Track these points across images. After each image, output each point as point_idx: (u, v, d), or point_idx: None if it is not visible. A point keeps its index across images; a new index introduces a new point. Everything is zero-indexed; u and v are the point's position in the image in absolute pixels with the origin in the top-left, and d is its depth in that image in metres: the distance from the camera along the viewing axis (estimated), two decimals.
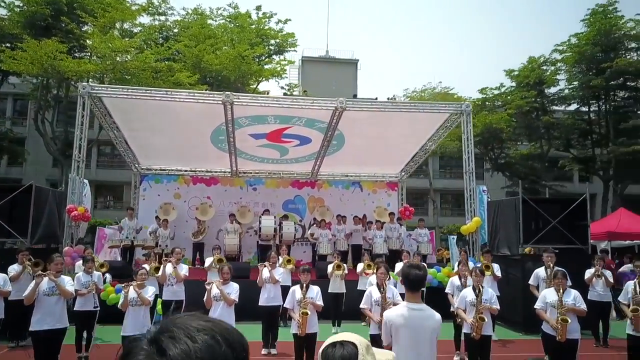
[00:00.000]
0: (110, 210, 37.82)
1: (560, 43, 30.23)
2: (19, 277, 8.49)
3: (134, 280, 6.50)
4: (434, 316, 3.65)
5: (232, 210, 16.83)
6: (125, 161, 39.78)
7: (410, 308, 3.63)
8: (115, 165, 39.72)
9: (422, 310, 3.65)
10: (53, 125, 26.19)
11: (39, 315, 6.15)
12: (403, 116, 13.59)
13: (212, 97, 12.33)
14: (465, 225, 12.53)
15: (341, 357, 1.58)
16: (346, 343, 1.61)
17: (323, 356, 1.61)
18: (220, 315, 6.48)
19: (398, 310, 3.69)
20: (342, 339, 1.64)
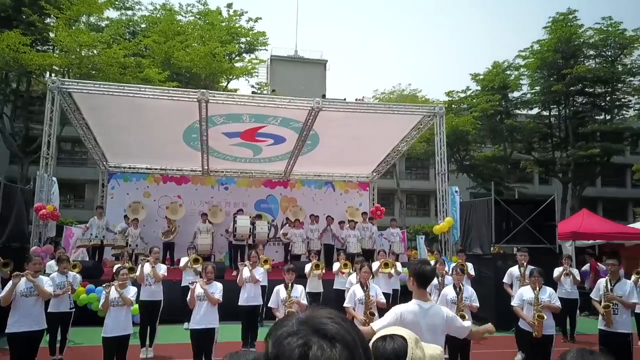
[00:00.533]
0: (71, 209, 36.69)
1: (523, 49, 31.21)
2: None
3: (114, 280, 6.36)
4: (442, 312, 3.73)
5: (203, 209, 16.65)
6: (87, 159, 38.81)
7: (421, 306, 3.68)
8: (77, 163, 38.64)
9: (432, 307, 3.72)
10: (12, 120, 25.29)
11: (16, 316, 5.95)
12: (377, 117, 13.75)
13: (188, 94, 12.16)
14: (437, 225, 12.79)
15: (392, 350, 1.62)
16: (396, 337, 1.65)
17: (373, 349, 1.63)
18: (204, 314, 6.43)
19: (409, 307, 3.72)
20: (392, 332, 1.68)
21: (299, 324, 0.96)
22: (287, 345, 0.93)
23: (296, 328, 0.96)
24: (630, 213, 40.56)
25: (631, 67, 28.76)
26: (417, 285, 3.76)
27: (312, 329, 0.94)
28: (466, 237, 11.83)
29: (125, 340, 6.28)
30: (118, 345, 6.19)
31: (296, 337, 0.94)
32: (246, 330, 8.34)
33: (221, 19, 25.58)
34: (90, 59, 18.87)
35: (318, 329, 0.94)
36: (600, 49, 29.69)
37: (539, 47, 30.59)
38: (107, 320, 6.19)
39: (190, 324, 6.52)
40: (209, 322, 6.43)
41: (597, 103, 31.65)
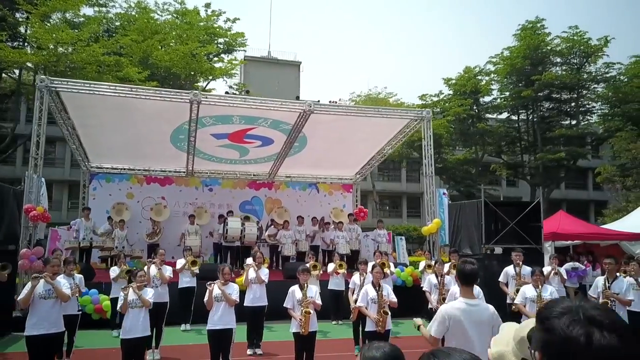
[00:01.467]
0: None
1: (494, 55, 32.17)
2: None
3: (133, 282, 6.35)
4: (489, 309, 3.93)
5: (188, 211, 16.56)
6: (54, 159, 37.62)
7: (468, 303, 3.86)
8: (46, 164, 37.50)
9: (479, 304, 3.91)
10: None
11: (34, 319, 5.87)
12: (364, 120, 13.98)
13: (180, 95, 12.09)
14: (425, 226, 13.11)
15: None
16: None
17: None
18: (222, 315, 6.49)
19: (456, 305, 3.90)
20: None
21: (574, 313, 1.12)
22: (570, 332, 1.09)
23: (573, 317, 1.11)
24: (592, 214, 42.24)
25: (596, 75, 30.03)
26: (461, 283, 3.97)
27: (587, 319, 1.10)
28: (455, 237, 12.21)
29: (143, 342, 6.28)
30: (136, 346, 6.18)
31: (578, 326, 1.09)
32: (251, 330, 8.40)
33: (199, 19, 25.38)
34: (67, 56, 18.42)
35: (592, 319, 1.09)
36: (567, 57, 30.91)
37: (508, 54, 31.62)
38: (126, 322, 6.17)
39: (207, 324, 6.56)
40: (226, 322, 6.50)
41: (562, 109, 32.93)
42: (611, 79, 29.60)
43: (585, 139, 32.84)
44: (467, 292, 3.92)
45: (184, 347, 8.94)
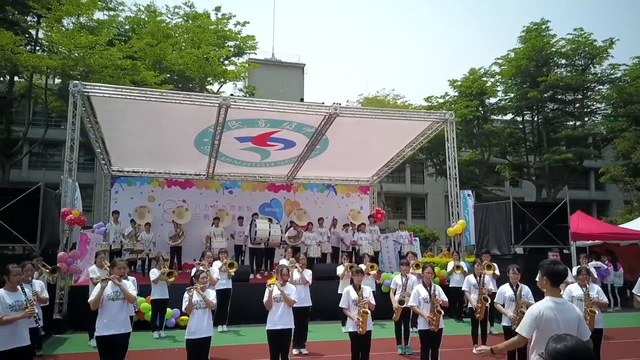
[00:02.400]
0: None
1: (500, 57, 32.44)
2: None
3: (196, 283, 6.49)
4: (576, 309, 4.11)
5: (209, 213, 16.73)
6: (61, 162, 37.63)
7: (556, 302, 4.02)
8: (53, 167, 37.49)
9: (566, 303, 4.08)
10: None
11: (104, 320, 6.01)
12: (386, 122, 14.18)
13: (209, 99, 12.25)
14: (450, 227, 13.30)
15: None
16: None
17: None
18: (281, 315, 6.64)
19: (545, 304, 4.04)
20: None
21: None
22: None
23: None
24: (595, 214, 42.62)
25: (601, 76, 30.34)
26: (550, 284, 4.12)
27: None
28: (482, 238, 12.39)
29: (208, 342, 6.42)
30: (201, 346, 6.33)
31: None
32: (296, 330, 8.52)
33: (209, 22, 25.54)
34: (84, 60, 18.51)
35: None
36: (572, 58, 31.21)
37: (514, 55, 31.91)
38: (191, 323, 6.31)
39: (267, 325, 6.71)
40: (285, 323, 6.65)
41: (567, 110, 33.25)
42: (616, 80, 29.91)
43: (590, 140, 33.17)
44: (555, 292, 4.08)
45: (226, 348, 9.08)
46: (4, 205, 8.84)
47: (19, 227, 8.89)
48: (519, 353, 7.00)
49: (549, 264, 4.20)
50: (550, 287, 4.12)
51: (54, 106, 24.12)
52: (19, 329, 5.49)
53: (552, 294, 4.10)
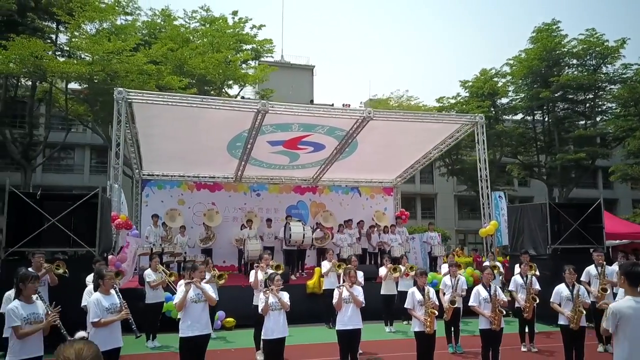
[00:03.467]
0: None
1: (511, 57, 32.70)
2: None
3: (271, 285, 6.73)
4: None
5: (237, 215, 17.00)
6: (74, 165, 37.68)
7: (637, 300, 4.28)
8: (65, 170, 37.77)
9: None
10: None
11: (188, 321, 6.26)
12: (416, 125, 14.44)
13: (248, 105, 12.50)
14: (483, 228, 13.55)
15: None
16: None
17: None
18: (351, 316, 6.89)
19: (625, 303, 4.31)
20: None
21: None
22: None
23: None
24: None
25: (613, 76, 30.60)
26: (628, 284, 4.37)
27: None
28: (516, 239, 12.63)
29: (284, 342, 6.67)
30: (277, 345, 6.58)
31: None
32: None
33: (227, 26, 25.78)
34: (111, 65, 18.76)
35: None
36: (583, 58, 31.46)
37: (525, 56, 32.16)
38: (268, 324, 6.56)
39: (337, 325, 6.96)
40: (355, 323, 6.91)
41: (577, 109, 33.51)
42: (628, 80, 30.16)
43: (603, 139, 33.45)
44: (633, 292, 4.31)
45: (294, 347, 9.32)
46: (63, 211, 9.06)
47: (77, 232, 9.14)
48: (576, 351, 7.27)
49: (629, 265, 4.48)
50: (628, 287, 4.37)
51: (72, 110, 24.33)
52: (114, 331, 5.75)
53: (631, 293, 4.35)
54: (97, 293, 5.76)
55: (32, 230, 9.04)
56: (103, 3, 23.42)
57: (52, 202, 9.27)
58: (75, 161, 38.24)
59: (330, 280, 11.40)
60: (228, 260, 16.55)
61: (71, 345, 1.92)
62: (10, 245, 8.81)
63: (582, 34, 30.52)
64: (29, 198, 8.92)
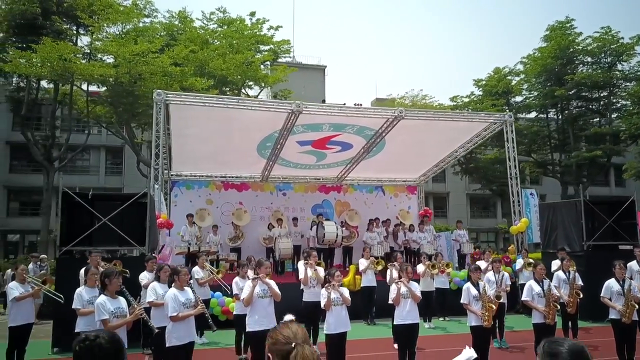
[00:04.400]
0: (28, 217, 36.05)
1: (526, 56, 32.78)
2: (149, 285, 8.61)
3: (332, 281, 6.88)
4: None
5: (264, 215, 17.17)
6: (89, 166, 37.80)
7: None
8: (81, 172, 38.01)
9: None
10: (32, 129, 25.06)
11: (255, 316, 6.45)
12: (444, 124, 14.58)
13: (283, 105, 12.66)
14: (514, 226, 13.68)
15: None
16: None
17: None
18: (409, 311, 7.06)
19: None
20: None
21: None
22: None
23: None
24: None
25: (628, 73, 30.62)
26: None
27: None
28: (549, 236, 12.75)
29: (346, 337, 6.84)
30: (341, 341, 6.75)
31: None
32: None
33: (245, 27, 25.97)
34: (137, 67, 18.97)
35: None
36: (598, 56, 31.50)
37: (539, 54, 32.23)
38: (330, 319, 6.73)
39: (396, 320, 7.13)
40: (413, 317, 7.07)
41: (591, 107, 33.54)
42: None
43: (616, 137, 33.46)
44: None
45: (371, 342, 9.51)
46: (112, 210, 9.25)
47: (126, 231, 9.33)
48: None
49: None
50: None
51: (92, 112, 24.55)
52: (190, 325, 5.93)
53: None
54: (172, 288, 5.94)
55: (83, 229, 9.23)
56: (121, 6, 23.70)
57: (102, 202, 9.46)
58: (91, 162, 38.52)
59: (368, 277, 11.59)
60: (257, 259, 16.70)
61: (288, 327, 2.08)
62: (64, 244, 8.99)
63: (597, 31, 30.60)
64: (82, 198, 9.10)
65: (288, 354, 1.97)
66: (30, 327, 7.44)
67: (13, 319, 7.18)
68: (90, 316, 6.46)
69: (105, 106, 22.12)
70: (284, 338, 2.02)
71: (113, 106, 20.81)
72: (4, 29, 22.55)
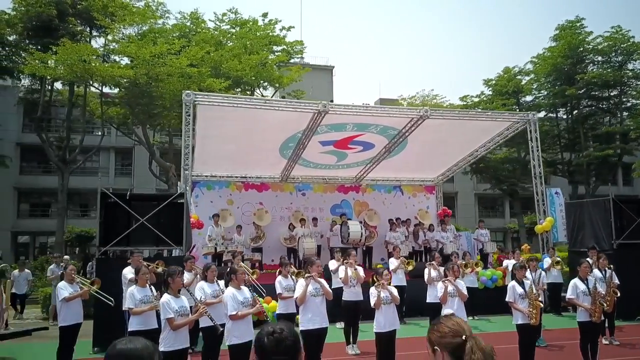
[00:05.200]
0: (38, 219, 36.17)
1: (536, 55, 32.82)
2: (191, 283, 8.67)
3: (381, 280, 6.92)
4: None
5: (284, 215, 17.22)
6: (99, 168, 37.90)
7: None
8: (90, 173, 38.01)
9: None
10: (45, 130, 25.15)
11: (309, 314, 6.49)
12: (467, 123, 14.61)
13: (309, 106, 12.68)
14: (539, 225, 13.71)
15: None
16: None
17: None
18: (457, 309, 7.08)
19: None
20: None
21: None
22: None
23: None
24: None
25: (639, 73, 30.65)
26: None
27: None
28: (576, 234, 12.78)
29: (395, 335, 6.88)
30: (390, 339, 6.79)
31: None
32: None
33: (258, 28, 26.02)
34: (155, 68, 19.01)
35: None
36: (608, 55, 31.52)
37: (549, 54, 32.26)
38: (379, 317, 6.78)
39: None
40: (461, 316, 7.08)
41: (601, 106, 33.56)
42: None
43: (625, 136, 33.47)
44: None
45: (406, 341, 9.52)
46: (148, 211, 9.29)
47: (162, 231, 9.37)
48: None
49: None
50: None
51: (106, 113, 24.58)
52: (249, 324, 5.97)
53: None
54: (230, 288, 5.98)
55: (120, 230, 9.27)
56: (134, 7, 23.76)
57: (139, 202, 9.49)
58: (101, 164, 38.54)
59: (399, 276, 11.60)
60: (277, 259, 16.72)
61: (451, 319, 2.09)
62: (103, 245, 9.03)
63: (607, 31, 30.63)
64: (120, 199, 9.14)
65: (459, 346, 1.98)
66: (79, 327, 7.48)
67: (63, 319, 7.23)
68: (144, 315, 6.53)
69: (121, 107, 22.16)
70: (452, 331, 2.03)
71: (130, 107, 20.84)
72: (19, 30, 22.64)
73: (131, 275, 8.15)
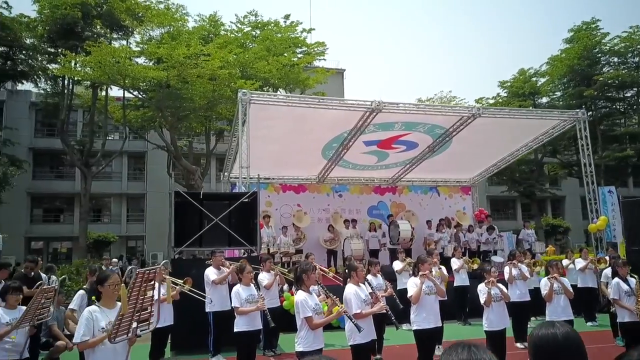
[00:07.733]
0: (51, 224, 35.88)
1: (552, 56, 32.86)
2: (272, 284, 8.49)
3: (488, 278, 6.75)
4: None
5: (322, 216, 17.03)
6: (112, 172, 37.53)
7: None
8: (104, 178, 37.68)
9: None
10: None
11: (423, 314, 6.30)
12: (513, 122, 14.48)
13: (364, 104, 12.50)
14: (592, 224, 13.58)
15: None
16: None
17: None
18: (564, 307, 6.93)
19: None
20: None
21: None
22: None
23: None
24: None
25: None
26: None
27: None
28: (633, 233, 12.62)
29: (505, 333, 6.70)
30: (501, 337, 6.60)
31: None
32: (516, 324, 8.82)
33: (280, 30, 25.92)
34: (186, 70, 18.84)
35: None
36: (625, 56, 31.60)
37: (564, 55, 32.32)
38: (491, 316, 6.61)
39: (549, 316, 6.98)
40: (568, 314, 6.93)
41: (617, 107, 33.62)
42: None
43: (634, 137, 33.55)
44: None
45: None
46: (219, 211, 9.10)
47: (234, 231, 9.16)
48: None
49: None
50: None
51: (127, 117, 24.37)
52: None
53: None
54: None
55: (192, 230, 9.06)
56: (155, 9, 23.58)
57: (211, 202, 9.29)
58: (114, 168, 38.23)
59: (461, 276, 11.45)
60: (317, 261, 16.50)
61: None
62: (178, 245, 8.82)
63: (625, 31, 30.71)
64: (194, 199, 8.94)
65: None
66: (169, 329, 7.26)
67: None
68: (250, 315, 6.35)
69: (149, 110, 21.94)
70: None
71: (159, 109, 20.63)
72: (38, 34, 22.43)
73: (214, 276, 7.94)
